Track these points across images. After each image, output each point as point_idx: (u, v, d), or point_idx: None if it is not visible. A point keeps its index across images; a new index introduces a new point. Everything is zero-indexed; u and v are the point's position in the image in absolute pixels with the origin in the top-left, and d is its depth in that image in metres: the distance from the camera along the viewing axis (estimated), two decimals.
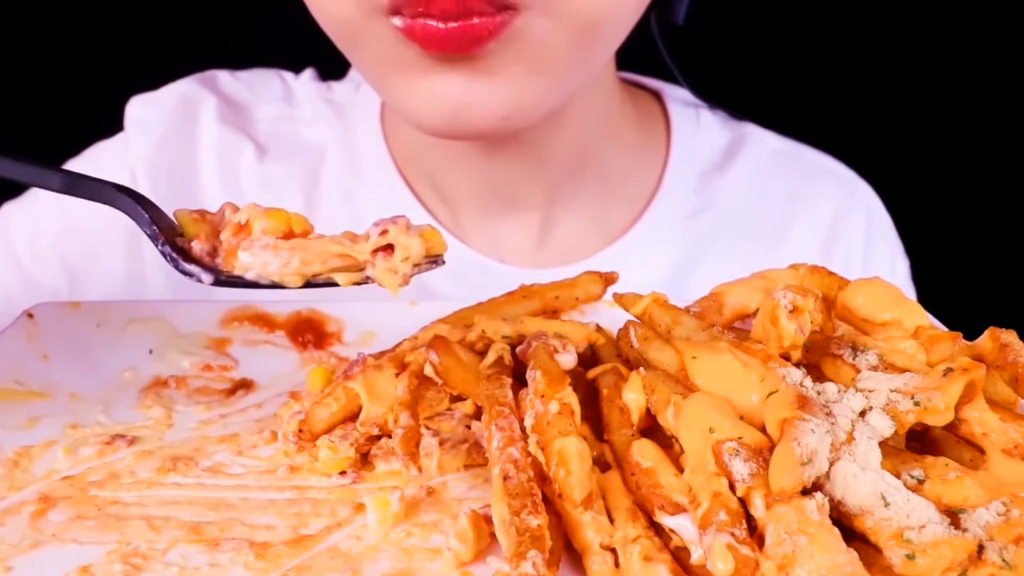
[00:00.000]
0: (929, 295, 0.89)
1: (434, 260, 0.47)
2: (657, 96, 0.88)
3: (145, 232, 0.45)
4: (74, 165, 0.81)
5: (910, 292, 0.89)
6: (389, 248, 0.44)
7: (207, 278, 0.44)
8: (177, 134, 0.80)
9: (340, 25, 0.62)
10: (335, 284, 0.45)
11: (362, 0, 0.58)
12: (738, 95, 0.90)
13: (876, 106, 1.11)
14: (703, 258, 0.82)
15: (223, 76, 0.85)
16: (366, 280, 0.45)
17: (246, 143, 0.81)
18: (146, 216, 0.44)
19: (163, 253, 0.44)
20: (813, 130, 0.91)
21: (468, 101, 0.60)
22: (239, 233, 0.44)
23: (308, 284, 0.44)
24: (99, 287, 0.78)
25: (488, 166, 0.76)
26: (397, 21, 0.57)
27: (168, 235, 0.45)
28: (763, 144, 0.88)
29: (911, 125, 1.11)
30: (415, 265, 0.45)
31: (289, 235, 0.44)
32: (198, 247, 0.45)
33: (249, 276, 0.44)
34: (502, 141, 0.73)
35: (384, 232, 0.44)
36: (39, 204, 0.79)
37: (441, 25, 0.55)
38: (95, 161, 0.81)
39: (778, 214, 0.85)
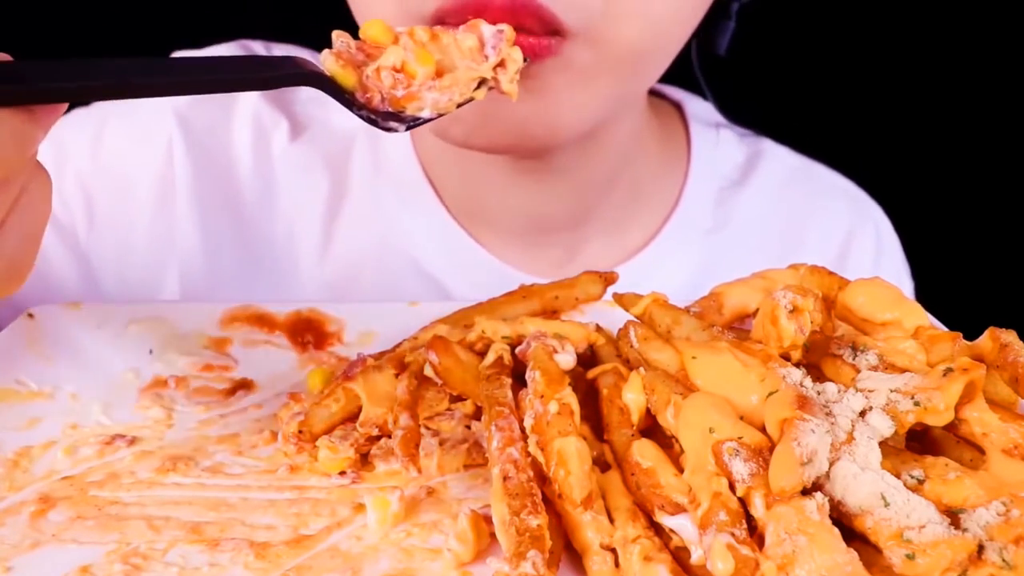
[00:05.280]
0: (929, 295, 0.89)
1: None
2: (677, 107, 0.88)
3: (341, 102, 0.49)
4: (112, 108, 0.80)
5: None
6: (502, 63, 0.52)
7: (402, 128, 0.50)
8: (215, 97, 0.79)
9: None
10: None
11: (404, 1, 0.57)
12: (770, 121, 0.90)
13: (873, 114, 1.12)
14: (720, 273, 0.81)
15: (257, 47, 0.84)
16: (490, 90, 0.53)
17: (282, 119, 0.80)
18: (335, 90, 0.49)
19: (363, 118, 0.49)
20: (821, 147, 0.91)
21: (492, 117, 0.59)
22: (398, 75, 0.49)
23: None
24: (117, 232, 0.77)
25: (519, 190, 0.75)
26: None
27: (347, 92, 0.49)
28: (779, 161, 0.88)
29: (909, 124, 1.11)
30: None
31: (439, 71, 0.50)
32: (377, 99, 0.49)
33: (425, 115, 0.49)
34: (535, 168, 0.73)
35: (499, 51, 0.52)
36: (71, 136, 0.78)
37: None
38: (135, 108, 0.79)
39: (792, 230, 0.85)
